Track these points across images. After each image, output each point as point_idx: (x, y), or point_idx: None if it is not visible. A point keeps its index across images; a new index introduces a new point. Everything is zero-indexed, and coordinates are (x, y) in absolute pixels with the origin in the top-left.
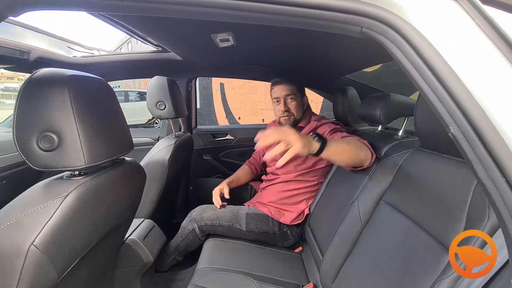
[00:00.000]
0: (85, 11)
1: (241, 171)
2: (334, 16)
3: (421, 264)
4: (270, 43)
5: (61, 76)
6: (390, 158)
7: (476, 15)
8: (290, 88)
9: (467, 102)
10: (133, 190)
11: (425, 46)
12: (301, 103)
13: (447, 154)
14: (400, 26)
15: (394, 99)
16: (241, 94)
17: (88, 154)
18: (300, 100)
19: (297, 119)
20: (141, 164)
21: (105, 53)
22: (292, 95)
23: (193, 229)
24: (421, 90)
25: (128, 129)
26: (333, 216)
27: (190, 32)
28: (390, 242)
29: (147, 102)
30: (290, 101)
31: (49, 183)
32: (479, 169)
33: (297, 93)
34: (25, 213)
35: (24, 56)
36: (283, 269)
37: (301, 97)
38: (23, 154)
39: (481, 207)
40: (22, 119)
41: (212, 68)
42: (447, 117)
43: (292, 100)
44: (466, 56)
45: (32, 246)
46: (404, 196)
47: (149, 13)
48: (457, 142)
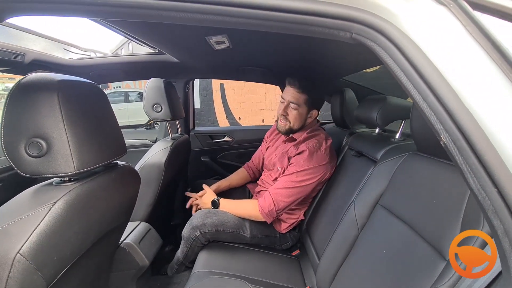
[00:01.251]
0: (73, 17)
1: (237, 175)
2: (324, 22)
3: (417, 270)
4: (266, 45)
5: (51, 81)
6: (387, 161)
7: (467, 21)
8: (298, 96)
9: (458, 111)
10: (127, 194)
11: (416, 52)
12: (303, 115)
13: (443, 159)
14: (389, 32)
15: (390, 102)
16: (241, 94)
17: (77, 160)
18: (304, 112)
19: (293, 129)
20: (137, 166)
21: (102, 55)
22: (295, 104)
23: (196, 237)
24: (412, 97)
25: (121, 133)
26: (329, 219)
27: (185, 35)
28: (386, 247)
29: (144, 105)
30: (292, 109)
31: (38, 190)
32: (470, 179)
33: (304, 105)
34: (12, 221)
35: (19, 59)
36: (280, 272)
37: (308, 109)
38: (11, 160)
39: (476, 213)
40: (10, 125)
41: (209, 70)
42: (438, 126)
43: (294, 109)
44: (457, 63)
45: (18, 255)
46: (400, 201)
47: (142, 19)
48: (448, 151)
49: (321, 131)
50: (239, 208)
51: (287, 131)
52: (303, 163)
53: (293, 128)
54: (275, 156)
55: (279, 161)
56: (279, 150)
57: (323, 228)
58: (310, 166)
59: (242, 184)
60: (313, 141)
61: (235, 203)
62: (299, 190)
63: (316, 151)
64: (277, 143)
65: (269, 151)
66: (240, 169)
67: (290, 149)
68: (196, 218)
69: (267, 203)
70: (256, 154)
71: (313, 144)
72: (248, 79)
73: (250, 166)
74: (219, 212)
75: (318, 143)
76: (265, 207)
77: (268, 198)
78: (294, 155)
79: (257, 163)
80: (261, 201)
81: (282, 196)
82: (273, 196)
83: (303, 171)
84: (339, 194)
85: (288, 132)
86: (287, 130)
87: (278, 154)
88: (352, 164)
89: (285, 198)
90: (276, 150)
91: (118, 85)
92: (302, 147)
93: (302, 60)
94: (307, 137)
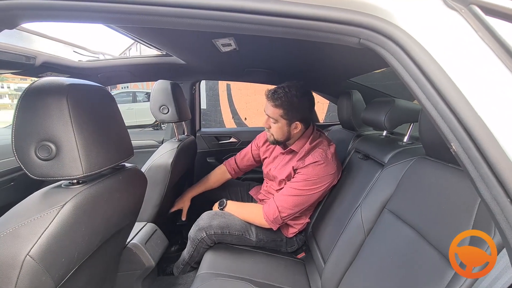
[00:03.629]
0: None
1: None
2: (331, 27)
3: (424, 277)
4: (273, 47)
5: (60, 85)
6: (394, 165)
7: (479, 27)
8: (273, 110)
9: (470, 118)
10: (134, 196)
11: (426, 58)
12: (284, 128)
13: (453, 164)
14: (399, 37)
15: (399, 104)
16: (247, 95)
17: (86, 163)
18: (284, 125)
19: (280, 141)
20: (144, 168)
21: (110, 57)
22: (273, 119)
23: (202, 238)
24: (421, 103)
25: (128, 136)
26: (335, 223)
27: (191, 38)
28: (393, 252)
29: (151, 106)
30: (272, 123)
31: (47, 192)
32: (482, 188)
33: (281, 118)
34: (22, 223)
35: (30, 62)
36: (285, 275)
37: (287, 122)
38: (22, 163)
39: (487, 221)
40: (21, 128)
41: (215, 72)
42: (448, 133)
43: (274, 122)
44: (468, 69)
45: (27, 257)
46: (408, 205)
47: (152, 25)
48: (459, 159)
49: (322, 137)
50: (245, 212)
51: (274, 141)
52: (312, 172)
53: (277, 139)
54: (274, 168)
55: (280, 174)
56: (278, 162)
57: (329, 231)
58: (318, 176)
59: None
60: (318, 151)
61: (241, 206)
62: (305, 198)
63: (325, 160)
64: (274, 153)
65: (267, 162)
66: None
67: (295, 163)
68: (202, 219)
69: (271, 210)
70: (244, 155)
71: (319, 153)
72: (254, 81)
73: (232, 166)
74: (226, 215)
75: (324, 152)
76: (270, 214)
77: (273, 205)
78: (301, 167)
79: (244, 163)
80: (265, 208)
81: (287, 203)
82: (277, 203)
83: (311, 181)
84: (345, 197)
85: (276, 143)
86: (274, 141)
87: (277, 166)
88: (359, 167)
89: (290, 206)
90: (274, 162)
91: (126, 85)
92: (309, 160)
93: (308, 62)
94: (311, 148)
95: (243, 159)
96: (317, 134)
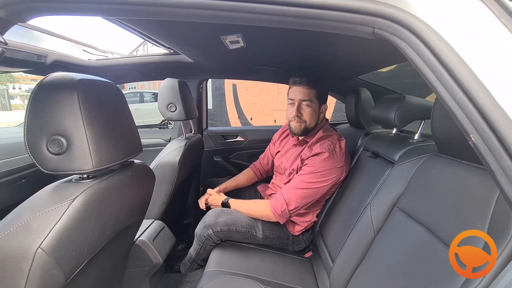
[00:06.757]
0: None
1: (244, 176)
2: (344, 17)
3: (437, 277)
4: (280, 44)
5: (71, 80)
6: (405, 163)
7: (501, 12)
8: (308, 92)
9: (491, 108)
10: (142, 192)
11: (443, 47)
12: (317, 111)
13: (467, 161)
14: (415, 25)
15: (409, 101)
16: (253, 95)
17: (96, 157)
18: (317, 107)
19: (309, 128)
20: (152, 165)
21: (119, 56)
22: (308, 101)
23: (209, 235)
24: (438, 94)
25: (137, 132)
26: (344, 221)
27: (199, 35)
28: (404, 252)
29: (158, 104)
30: (305, 107)
31: (58, 186)
32: (503, 181)
33: (316, 100)
34: (34, 216)
35: (41, 60)
36: (292, 274)
37: (319, 104)
38: (33, 157)
39: (504, 219)
40: (32, 123)
41: (223, 70)
42: (467, 125)
43: (308, 106)
44: (489, 58)
45: (39, 249)
46: (420, 204)
47: (157, 17)
48: (479, 151)
49: (333, 131)
50: (250, 208)
51: (303, 131)
52: (319, 165)
53: (309, 126)
54: (286, 160)
55: (291, 165)
56: (290, 154)
57: (337, 230)
58: (325, 168)
59: (249, 184)
60: (327, 142)
61: (246, 203)
62: (312, 191)
63: (332, 152)
64: (286, 146)
65: (279, 156)
66: (247, 169)
67: (304, 151)
68: (209, 216)
69: (279, 203)
70: (264, 155)
71: (327, 145)
72: (261, 79)
73: (257, 167)
74: (232, 212)
75: (332, 144)
76: (277, 207)
77: (280, 198)
78: (308, 157)
79: (265, 164)
80: (273, 202)
81: (294, 196)
82: (285, 196)
83: (318, 173)
84: (354, 196)
85: (304, 132)
86: (303, 130)
87: (289, 158)
88: (368, 165)
89: (298, 199)
90: (287, 154)
91: (133, 86)
92: (316, 149)
93: (316, 60)
94: (320, 138)
95: (264, 159)
96: (330, 128)
